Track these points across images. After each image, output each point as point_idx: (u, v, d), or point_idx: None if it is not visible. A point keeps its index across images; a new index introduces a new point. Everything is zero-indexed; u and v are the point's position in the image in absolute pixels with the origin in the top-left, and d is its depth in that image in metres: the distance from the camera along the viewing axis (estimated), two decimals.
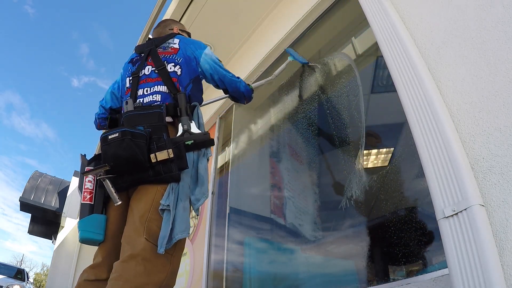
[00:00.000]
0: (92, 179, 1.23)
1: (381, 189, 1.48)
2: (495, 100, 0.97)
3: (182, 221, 1.11)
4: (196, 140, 1.21)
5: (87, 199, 1.20)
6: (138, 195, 1.17)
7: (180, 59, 1.38)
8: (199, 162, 1.23)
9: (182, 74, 1.35)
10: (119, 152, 1.08)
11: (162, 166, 1.13)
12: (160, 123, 1.19)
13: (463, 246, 0.86)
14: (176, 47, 1.42)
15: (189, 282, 2.61)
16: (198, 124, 1.30)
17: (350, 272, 1.54)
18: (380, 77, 1.68)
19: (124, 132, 1.09)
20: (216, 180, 2.78)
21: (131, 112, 1.23)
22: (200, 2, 2.55)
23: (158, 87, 1.32)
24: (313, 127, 2.04)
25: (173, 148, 1.14)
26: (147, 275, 1.03)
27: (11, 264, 12.87)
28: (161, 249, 1.04)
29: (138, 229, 1.09)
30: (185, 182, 1.17)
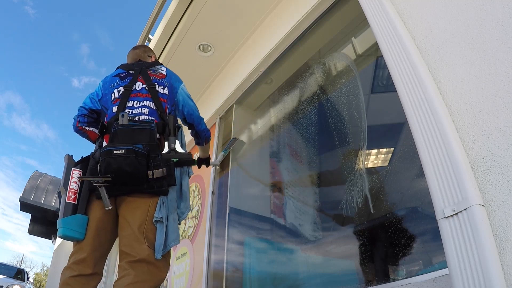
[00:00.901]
0: (77, 180, 1.34)
1: (381, 189, 1.47)
2: (495, 100, 0.97)
3: (173, 231, 1.31)
4: (180, 159, 1.40)
5: (71, 199, 1.30)
6: (131, 206, 1.31)
7: (167, 84, 1.56)
8: (182, 179, 1.43)
9: (169, 96, 1.53)
10: (123, 167, 1.24)
11: (155, 181, 1.30)
12: (153, 142, 1.35)
13: (463, 246, 0.86)
14: (164, 73, 1.61)
15: (189, 282, 2.61)
16: (181, 144, 1.50)
17: (350, 272, 1.54)
18: (380, 77, 1.68)
19: (129, 150, 1.25)
20: (216, 180, 2.78)
21: (125, 126, 1.36)
22: (200, 2, 2.55)
23: (147, 102, 1.47)
24: (313, 127, 2.04)
25: (166, 166, 1.31)
26: (151, 274, 1.22)
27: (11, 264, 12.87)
28: (158, 255, 1.24)
29: (138, 238, 1.25)
30: (172, 196, 1.35)
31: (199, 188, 3.01)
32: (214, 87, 3.27)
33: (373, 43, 1.75)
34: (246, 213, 2.40)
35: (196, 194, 3.05)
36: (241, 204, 2.45)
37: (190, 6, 2.61)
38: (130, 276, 1.18)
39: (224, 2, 2.55)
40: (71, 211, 1.28)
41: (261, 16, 2.66)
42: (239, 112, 2.84)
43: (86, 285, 1.23)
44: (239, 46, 2.91)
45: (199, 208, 2.89)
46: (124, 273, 1.20)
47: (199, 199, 2.94)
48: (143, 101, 1.47)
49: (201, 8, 2.58)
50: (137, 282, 1.18)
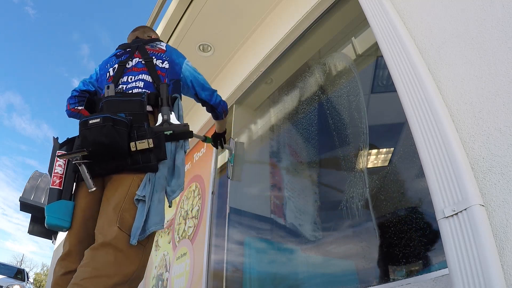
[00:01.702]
0: (62, 163, 1.19)
1: (381, 189, 1.48)
2: (495, 100, 0.97)
3: (156, 213, 1.10)
4: (175, 131, 1.20)
5: (56, 184, 1.16)
6: (114, 184, 1.14)
7: (167, 58, 1.43)
8: (176, 154, 1.23)
9: (169, 71, 1.39)
10: (100, 138, 1.06)
11: (141, 155, 1.12)
12: (141, 111, 1.18)
13: (463, 246, 0.86)
14: (163, 48, 1.48)
15: (189, 282, 2.61)
16: (178, 115, 1.29)
17: (350, 272, 1.54)
18: (380, 77, 1.68)
19: (106, 118, 1.07)
20: (216, 180, 2.78)
21: (111, 97, 1.21)
22: (200, 2, 2.55)
23: (142, 76, 1.33)
24: (313, 127, 2.04)
25: (153, 138, 1.13)
26: (117, 265, 1.00)
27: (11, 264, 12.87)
28: (133, 240, 1.03)
29: (111, 218, 1.06)
30: (161, 173, 1.15)
31: (199, 188, 3.01)
32: (214, 87, 3.27)
33: (373, 43, 1.75)
34: (246, 213, 2.40)
35: (196, 194, 3.05)
36: (241, 204, 2.45)
37: (190, 6, 2.61)
38: (87, 269, 0.96)
39: (224, 2, 2.55)
40: (56, 197, 1.15)
41: (261, 16, 2.66)
42: (239, 112, 2.84)
43: None
44: (239, 46, 2.91)
45: (199, 208, 2.89)
46: (83, 263, 1.00)
47: (199, 199, 2.94)
48: (138, 75, 1.34)
49: (201, 8, 2.58)
50: (96, 277, 0.95)
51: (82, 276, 0.96)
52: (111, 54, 1.53)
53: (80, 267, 0.99)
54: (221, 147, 1.94)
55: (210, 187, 2.75)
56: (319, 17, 2.14)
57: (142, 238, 1.06)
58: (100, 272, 0.96)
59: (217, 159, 2.90)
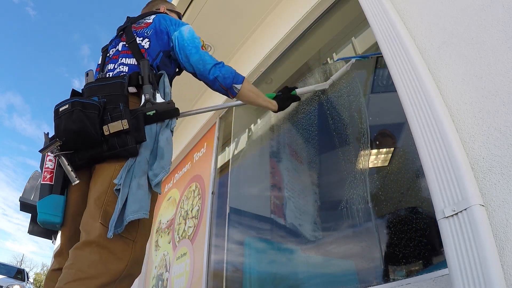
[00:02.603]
0: (53, 158, 1.12)
1: (381, 189, 1.47)
2: (495, 100, 0.97)
3: (135, 200, 0.98)
4: (158, 110, 1.09)
5: (47, 179, 1.11)
6: (96, 176, 1.06)
7: (149, 32, 1.29)
8: (160, 134, 1.10)
9: (150, 47, 1.26)
10: (69, 125, 0.98)
11: (116, 139, 1.01)
12: (119, 92, 1.08)
13: (463, 246, 0.85)
14: (149, 21, 1.34)
15: (189, 282, 2.61)
16: (164, 93, 1.19)
17: (350, 272, 1.54)
18: (380, 77, 1.67)
19: (73, 102, 0.99)
20: (216, 180, 2.78)
21: (91, 83, 1.13)
22: (200, 2, 2.55)
23: (126, 60, 1.24)
24: (313, 127, 2.04)
25: (130, 118, 1.02)
26: (103, 264, 0.92)
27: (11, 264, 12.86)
28: (109, 233, 0.93)
29: (94, 213, 0.99)
30: (142, 157, 1.05)
31: (199, 188, 3.01)
32: None
33: (373, 43, 1.75)
34: (246, 213, 2.40)
35: (196, 194, 3.05)
36: (241, 204, 2.45)
37: (190, 6, 2.61)
38: (71, 271, 0.89)
39: (224, 2, 2.55)
40: (47, 192, 1.09)
41: (261, 16, 2.66)
42: (239, 112, 2.84)
43: None
44: (239, 46, 2.91)
45: (199, 208, 2.88)
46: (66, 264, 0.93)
47: (199, 199, 2.94)
48: (122, 59, 1.24)
49: (201, 8, 2.58)
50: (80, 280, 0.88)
51: (66, 279, 0.90)
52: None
53: (64, 268, 0.93)
54: (298, 99, 1.55)
55: (210, 187, 2.75)
56: (319, 17, 2.14)
57: (120, 230, 0.96)
58: (84, 273, 0.90)
59: (217, 159, 2.90)
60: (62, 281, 0.89)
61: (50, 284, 1.06)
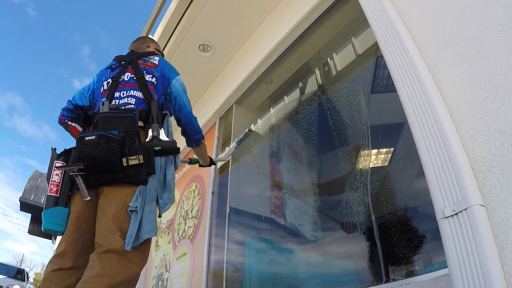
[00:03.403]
0: (59, 172, 1.30)
1: (381, 189, 1.47)
2: (495, 100, 0.97)
3: (148, 222, 1.21)
4: (163, 147, 1.32)
5: (53, 192, 1.27)
6: (109, 196, 1.24)
7: (157, 73, 1.49)
8: (166, 169, 1.34)
9: (157, 85, 1.47)
10: (95, 154, 1.18)
11: (132, 169, 1.23)
12: (133, 128, 1.29)
13: (463, 246, 0.86)
14: (155, 63, 1.54)
15: (189, 282, 2.61)
16: (167, 132, 1.41)
17: (350, 272, 1.54)
18: (380, 77, 1.67)
19: (100, 135, 1.19)
20: (216, 180, 2.78)
21: (106, 114, 1.31)
22: (200, 2, 2.55)
23: (134, 92, 1.43)
24: (313, 127, 2.04)
25: (143, 154, 1.24)
26: (122, 266, 1.13)
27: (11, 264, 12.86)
28: (127, 247, 1.14)
29: (112, 228, 1.18)
30: (152, 186, 1.27)
31: (199, 188, 3.01)
32: (214, 87, 3.27)
33: (373, 43, 1.75)
34: (246, 213, 2.40)
35: (196, 194, 3.05)
36: (241, 204, 2.45)
37: (190, 6, 2.61)
38: (95, 269, 1.09)
39: (224, 2, 2.55)
40: (52, 203, 1.25)
41: (261, 16, 2.66)
42: (239, 112, 2.84)
43: (66, 279, 1.17)
44: (239, 46, 2.91)
45: (199, 208, 2.89)
46: (90, 265, 1.12)
47: (199, 199, 2.94)
48: (130, 91, 1.43)
49: (201, 8, 2.58)
50: (103, 276, 1.08)
51: (90, 274, 1.07)
52: (107, 65, 1.59)
53: (87, 269, 1.11)
54: (214, 165, 1.99)
55: (210, 187, 2.75)
56: (319, 17, 2.14)
57: (136, 245, 1.16)
58: (106, 271, 1.09)
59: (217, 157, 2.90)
60: (87, 276, 1.07)
61: (49, 284, 1.17)
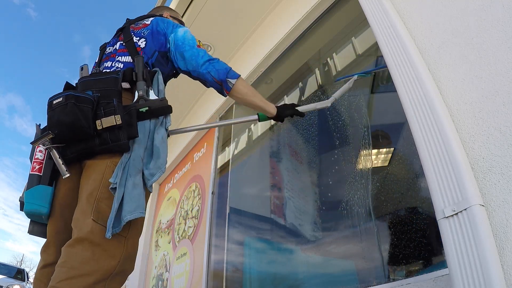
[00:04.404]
0: (43, 149, 1.12)
1: (381, 189, 1.47)
2: (495, 100, 0.97)
3: (131, 199, 0.98)
4: (151, 107, 1.10)
5: (36, 170, 1.10)
6: (88, 171, 1.06)
7: (146, 32, 1.31)
8: (155, 132, 1.11)
9: (146, 47, 1.28)
10: (62, 118, 0.99)
11: (109, 134, 1.02)
12: (113, 88, 1.08)
13: (463, 246, 0.85)
14: (147, 23, 1.36)
15: (189, 282, 2.61)
16: (158, 90, 1.20)
17: (350, 272, 1.54)
18: (380, 77, 1.67)
19: (68, 96, 1.00)
20: (216, 180, 2.78)
21: (86, 78, 1.14)
22: (200, 2, 2.55)
23: (122, 58, 1.27)
24: (313, 127, 2.04)
25: (123, 114, 1.03)
26: (96, 261, 0.93)
27: (11, 264, 12.86)
28: (108, 233, 0.94)
29: (85, 209, 0.98)
30: (136, 155, 1.04)
31: (199, 188, 3.01)
32: None
33: (373, 43, 1.75)
34: (246, 213, 2.40)
35: (196, 194, 3.05)
36: (241, 204, 2.45)
37: (190, 6, 2.61)
38: (63, 269, 0.89)
39: (224, 2, 2.55)
40: (35, 183, 1.08)
41: (261, 16, 2.66)
42: (239, 112, 2.84)
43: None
44: (239, 46, 2.91)
45: (199, 208, 2.89)
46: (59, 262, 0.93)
47: (199, 199, 2.94)
48: (119, 57, 1.27)
49: (201, 8, 2.58)
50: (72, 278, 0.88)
51: (59, 277, 0.89)
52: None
53: (57, 266, 0.93)
54: (300, 116, 1.46)
55: (210, 187, 2.75)
56: (319, 17, 2.14)
57: (118, 230, 0.96)
58: (77, 271, 0.90)
59: (217, 159, 2.90)
60: (55, 279, 0.89)
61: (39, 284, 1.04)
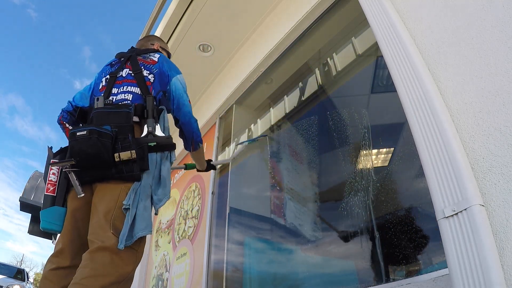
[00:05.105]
0: (56, 171, 1.29)
1: (381, 189, 1.47)
2: (495, 100, 0.97)
3: (142, 219, 1.17)
4: (158, 143, 1.28)
5: (50, 191, 1.26)
6: (102, 193, 1.22)
7: (155, 70, 1.47)
8: (162, 164, 1.29)
9: (154, 82, 1.43)
10: (85, 149, 1.15)
11: (124, 165, 1.20)
12: (127, 123, 1.25)
13: (463, 246, 0.85)
14: (155, 59, 1.51)
15: (189, 282, 2.61)
16: (164, 127, 1.37)
17: (350, 272, 1.54)
18: (380, 77, 1.67)
19: (91, 130, 1.16)
20: (216, 180, 2.77)
21: (100, 109, 1.29)
22: (200, 2, 2.55)
23: (131, 88, 1.40)
24: (313, 127, 2.04)
25: (136, 149, 1.21)
26: (114, 266, 1.09)
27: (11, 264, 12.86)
28: (120, 245, 1.10)
29: (104, 225, 1.15)
30: (146, 183, 1.23)
31: (199, 188, 3.01)
32: (214, 87, 3.27)
33: (373, 43, 1.75)
34: (246, 213, 2.40)
35: (196, 194, 3.05)
36: (241, 204, 2.45)
37: (190, 6, 2.61)
38: (86, 269, 1.05)
39: (224, 2, 2.55)
40: (49, 203, 1.24)
41: (261, 16, 2.66)
42: (239, 112, 2.84)
43: (64, 278, 1.14)
44: (239, 46, 2.91)
45: (199, 208, 2.88)
46: (82, 265, 1.08)
47: (199, 199, 2.94)
48: (127, 87, 1.40)
49: (201, 8, 2.58)
50: (94, 276, 1.04)
51: (81, 276, 1.04)
52: (108, 62, 1.58)
53: (79, 268, 1.07)
54: (213, 169, 1.98)
55: (210, 187, 2.75)
56: (319, 17, 2.14)
57: (129, 244, 1.13)
58: (98, 271, 1.05)
59: (217, 159, 2.90)
60: (77, 277, 1.04)
61: (48, 283, 1.16)
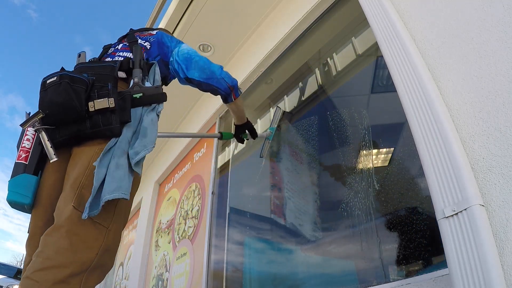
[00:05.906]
0: (31, 137, 1.10)
1: (381, 189, 1.47)
2: (495, 100, 0.97)
3: (113, 179, 0.93)
4: (145, 93, 1.07)
5: (22, 158, 1.06)
6: (75, 158, 1.01)
7: (152, 39, 1.33)
8: (145, 115, 1.07)
9: (150, 49, 1.29)
10: (54, 98, 0.96)
11: (101, 117, 0.98)
12: (109, 74, 1.06)
13: (463, 246, 0.85)
14: (153, 33, 1.39)
15: (189, 282, 2.61)
16: (154, 80, 1.18)
17: (350, 272, 1.54)
18: (380, 77, 1.67)
19: (62, 75, 0.98)
20: (216, 180, 2.77)
21: (82, 64, 1.13)
22: (200, 2, 2.55)
23: (124, 53, 1.26)
24: (313, 127, 2.04)
25: (116, 98, 1.00)
26: (73, 251, 0.86)
27: (11, 264, 12.86)
28: (84, 214, 0.87)
29: (68, 196, 0.93)
30: (124, 137, 1.01)
31: (199, 188, 3.01)
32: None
33: (373, 43, 1.75)
34: (246, 213, 2.40)
35: (196, 194, 3.05)
36: (241, 204, 2.45)
37: (190, 6, 2.61)
38: (38, 259, 0.84)
39: (224, 2, 2.55)
40: (20, 171, 1.03)
41: (261, 16, 2.66)
42: None
43: None
44: (239, 46, 2.91)
45: (199, 208, 2.88)
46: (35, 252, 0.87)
47: (199, 199, 2.94)
48: (120, 53, 1.27)
49: (201, 8, 2.58)
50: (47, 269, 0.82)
51: (33, 267, 0.84)
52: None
53: (33, 256, 0.87)
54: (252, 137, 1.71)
55: (210, 187, 2.75)
56: (319, 17, 2.14)
57: (96, 212, 0.90)
58: (52, 261, 0.84)
59: (217, 159, 2.90)
60: (30, 269, 0.84)
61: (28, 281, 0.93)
